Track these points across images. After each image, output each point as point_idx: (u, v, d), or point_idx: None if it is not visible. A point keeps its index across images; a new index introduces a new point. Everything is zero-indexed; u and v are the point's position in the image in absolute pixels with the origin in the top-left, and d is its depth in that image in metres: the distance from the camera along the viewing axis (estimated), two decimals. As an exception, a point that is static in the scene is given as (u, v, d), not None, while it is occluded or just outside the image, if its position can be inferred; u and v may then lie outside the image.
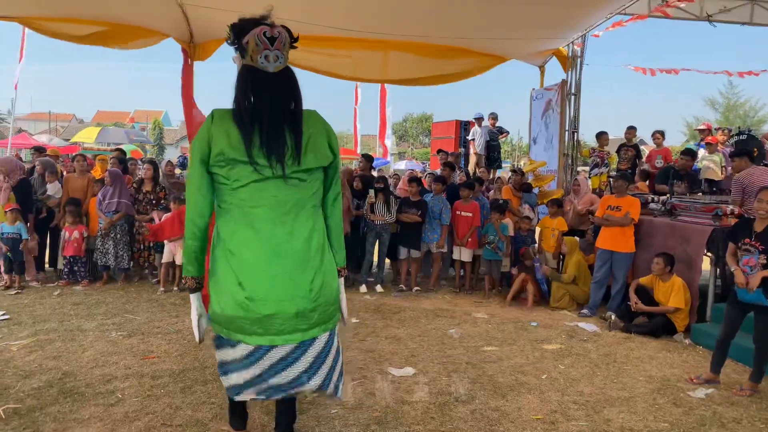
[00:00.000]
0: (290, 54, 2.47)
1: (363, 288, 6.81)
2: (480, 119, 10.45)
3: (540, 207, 7.92)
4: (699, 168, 8.06)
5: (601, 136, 8.59)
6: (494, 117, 10.76)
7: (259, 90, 2.33)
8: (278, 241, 2.37)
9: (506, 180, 8.75)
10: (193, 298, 2.52)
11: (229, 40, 2.40)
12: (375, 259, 7.18)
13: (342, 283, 2.68)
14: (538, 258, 6.62)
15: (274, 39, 2.33)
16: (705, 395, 3.86)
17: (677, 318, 5.24)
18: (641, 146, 9.44)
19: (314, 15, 6.25)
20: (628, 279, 5.91)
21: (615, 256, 5.92)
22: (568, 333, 5.30)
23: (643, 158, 8.78)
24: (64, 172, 7.76)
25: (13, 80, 15.75)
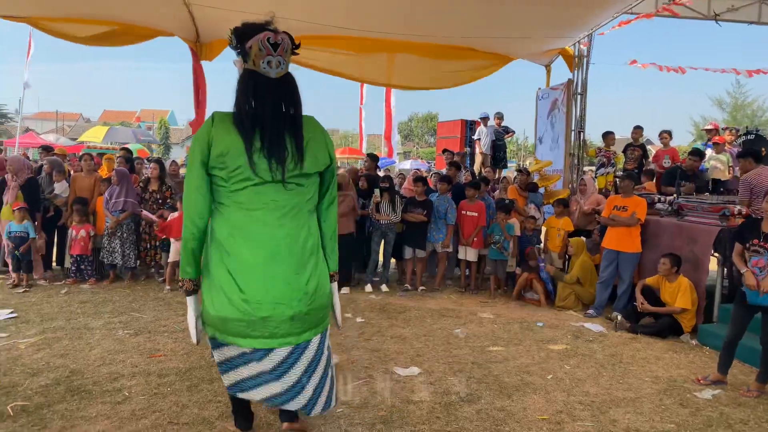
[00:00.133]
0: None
1: (368, 287, 6.81)
2: (486, 119, 10.42)
3: (546, 207, 7.91)
4: (706, 168, 8.03)
5: (608, 136, 8.55)
6: (500, 116, 10.72)
7: (261, 95, 2.35)
8: (275, 244, 2.39)
9: (512, 180, 8.73)
10: (191, 301, 2.53)
11: (232, 44, 2.42)
12: (380, 259, 7.18)
13: (335, 288, 2.70)
14: (543, 258, 6.61)
15: (277, 45, 2.36)
16: (712, 396, 3.85)
17: (684, 318, 5.21)
18: (647, 146, 9.41)
19: (318, 15, 6.27)
20: (635, 279, 5.89)
21: (621, 256, 5.90)
22: (574, 333, 5.29)
23: (650, 158, 8.74)
24: (72, 172, 7.81)
25: (23, 80, 15.82)
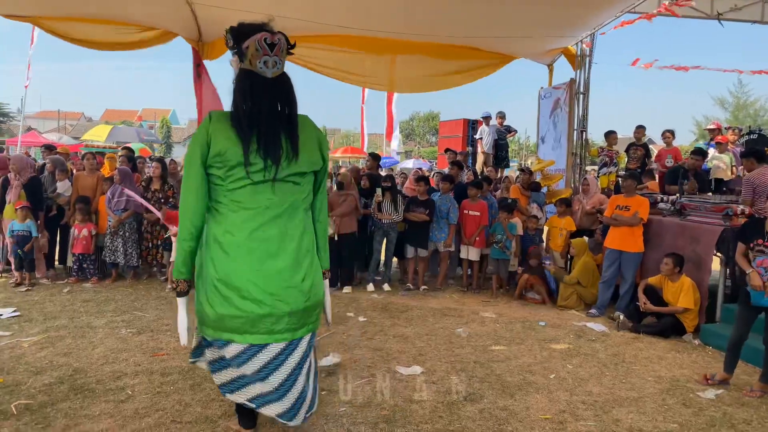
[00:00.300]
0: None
1: (370, 287, 6.81)
2: (488, 118, 10.41)
3: (548, 206, 7.90)
4: (709, 168, 8.02)
5: (610, 135, 8.55)
6: (502, 116, 10.72)
7: (258, 94, 2.37)
8: (272, 242, 2.41)
9: (514, 179, 8.73)
10: (182, 302, 2.53)
11: (229, 44, 2.44)
12: (382, 258, 7.18)
13: (327, 285, 2.72)
14: (548, 256, 6.60)
15: (274, 45, 2.38)
16: (715, 396, 3.84)
17: (686, 318, 5.21)
18: (650, 145, 9.40)
19: (320, 14, 6.26)
20: (637, 279, 5.88)
21: (624, 256, 5.89)
22: (577, 333, 5.28)
23: (653, 157, 8.73)
24: (74, 170, 7.82)
25: (24, 79, 15.84)
